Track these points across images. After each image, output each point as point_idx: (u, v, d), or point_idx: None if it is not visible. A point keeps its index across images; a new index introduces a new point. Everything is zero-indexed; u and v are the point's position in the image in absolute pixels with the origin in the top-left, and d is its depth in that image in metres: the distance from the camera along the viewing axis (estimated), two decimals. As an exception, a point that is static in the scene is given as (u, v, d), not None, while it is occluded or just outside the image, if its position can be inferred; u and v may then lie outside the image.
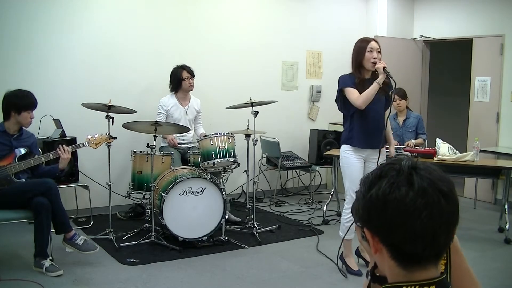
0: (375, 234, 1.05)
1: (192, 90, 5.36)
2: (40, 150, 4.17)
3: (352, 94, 3.73)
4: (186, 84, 5.26)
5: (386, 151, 4.01)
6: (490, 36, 6.42)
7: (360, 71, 3.76)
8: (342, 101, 3.86)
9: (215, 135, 4.58)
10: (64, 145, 3.93)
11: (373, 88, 3.66)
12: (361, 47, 3.75)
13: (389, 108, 3.76)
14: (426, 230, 0.99)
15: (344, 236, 3.74)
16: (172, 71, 5.31)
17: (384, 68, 3.63)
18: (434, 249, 1.02)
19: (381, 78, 3.66)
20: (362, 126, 3.79)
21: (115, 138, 4.26)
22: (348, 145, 3.85)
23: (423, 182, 1.00)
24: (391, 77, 3.66)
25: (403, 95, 5.66)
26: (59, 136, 4.86)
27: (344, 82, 3.80)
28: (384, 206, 1.00)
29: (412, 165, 1.04)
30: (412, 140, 5.61)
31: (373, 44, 3.72)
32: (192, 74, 5.29)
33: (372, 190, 1.03)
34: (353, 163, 3.82)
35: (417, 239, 0.99)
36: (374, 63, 3.68)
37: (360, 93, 3.70)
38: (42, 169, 3.96)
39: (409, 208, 0.98)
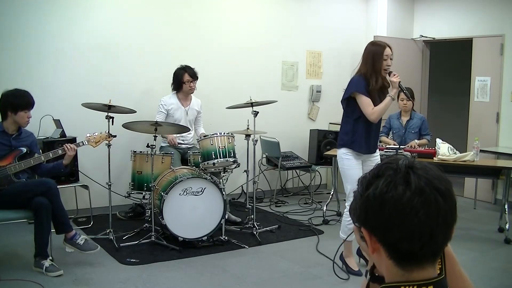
0: (372, 233, 1.05)
1: (192, 92, 5.34)
2: (40, 150, 4.16)
3: (367, 105, 3.69)
4: (186, 87, 5.22)
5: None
6: (490, 36, 6.41)
7: (376, 77, 3.71)
8: (350, 103, 3.80)
9: (215, 135, 4.57)
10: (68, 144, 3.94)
11: (387, 103, 3.70)
12: (378, 52, 3.69)
13: None
14: (424, 229, 0.99)
15: (346, 238, 3.75)
16: (175, 71, 5.28)
17: (399, 83, 3.68)
18: (431, 248, 1.02)
19: (394, 92, 3.73)
20: (365, 132, 3.78)
21: (115, 136, 4.24)
22: (349, 149, 3.80)
23: (420, 181, 1.00)
24: (405, 92, 3.75)
25: (410, 95, 5.61)
26: (59, 136, 4.86)
27: (357, 86, 3.72)
28: (381, 205, 1.01)
29: (409, 164, 1.04)
30: (416, 141, 5.59)
31: (388, 51, 3.70)
32: (193, 77, 5.22)
33: (369, 190, 1.03)
34: (354, 165, 3.81)
35: (414, 238, 0.99)
36: (386, 71, 3.71)
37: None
38: (45, 166, 3.94)
39: (406, 207, 0.98)
